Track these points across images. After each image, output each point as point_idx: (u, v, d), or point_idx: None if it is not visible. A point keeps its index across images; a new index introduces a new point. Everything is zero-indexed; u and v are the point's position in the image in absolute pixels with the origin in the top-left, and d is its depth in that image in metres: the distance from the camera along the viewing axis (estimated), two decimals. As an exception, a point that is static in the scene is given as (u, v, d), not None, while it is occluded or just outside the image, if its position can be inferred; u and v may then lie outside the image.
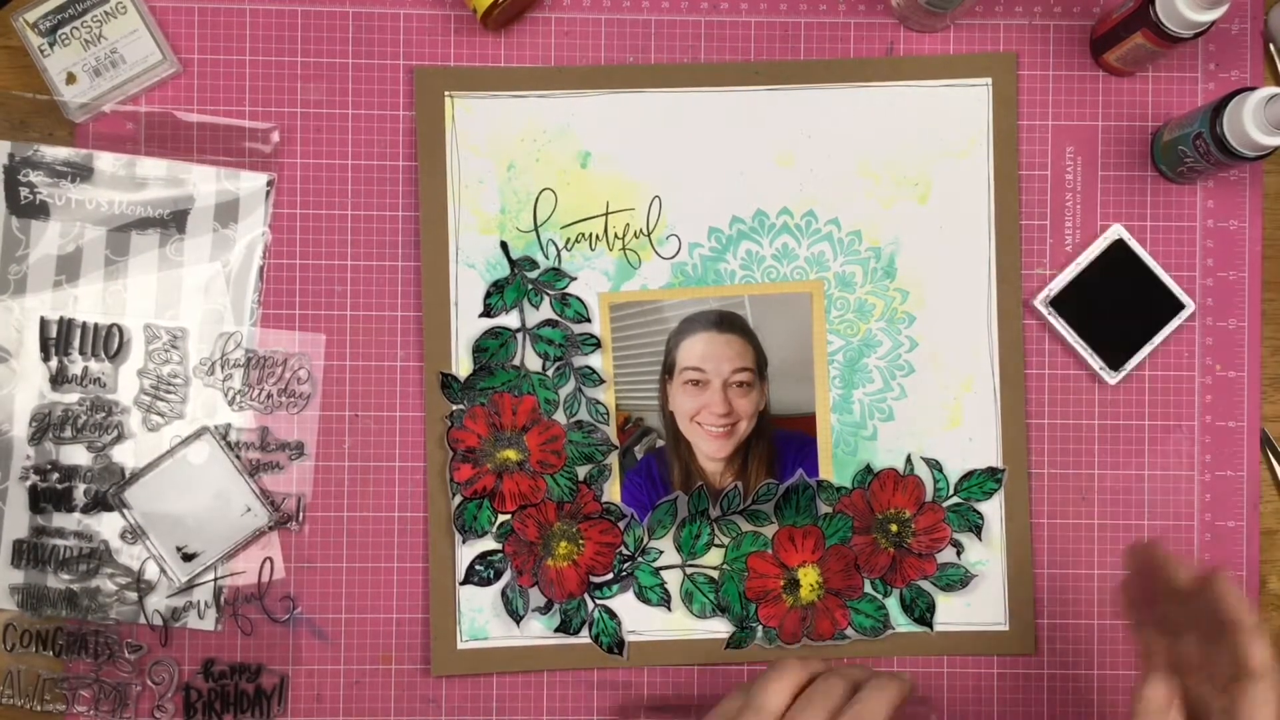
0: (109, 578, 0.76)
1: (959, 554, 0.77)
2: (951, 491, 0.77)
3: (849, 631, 0.77)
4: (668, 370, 0.77)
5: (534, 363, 0.77)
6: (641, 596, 0.77)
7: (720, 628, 0.77)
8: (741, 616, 0.76)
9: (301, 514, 0.77)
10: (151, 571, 0.76)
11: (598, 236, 0.77)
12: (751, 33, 0.78)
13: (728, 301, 0.77)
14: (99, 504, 0.76)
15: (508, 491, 0.76)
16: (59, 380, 0.76)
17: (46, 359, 0.76)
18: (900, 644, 0.77)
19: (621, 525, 0.76)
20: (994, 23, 0.79)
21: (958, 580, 0.77)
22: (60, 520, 0.76)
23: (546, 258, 0.77)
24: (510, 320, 0.77)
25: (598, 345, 0.77)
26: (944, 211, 0.77)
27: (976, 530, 0.77)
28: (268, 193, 0.77)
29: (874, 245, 0.77)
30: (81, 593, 0.76)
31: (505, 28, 0.78)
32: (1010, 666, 0.78)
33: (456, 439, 0.76)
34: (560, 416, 0.76)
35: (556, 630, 0.76)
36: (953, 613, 0.77)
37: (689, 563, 0.77)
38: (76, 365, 0.76)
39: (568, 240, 0.77)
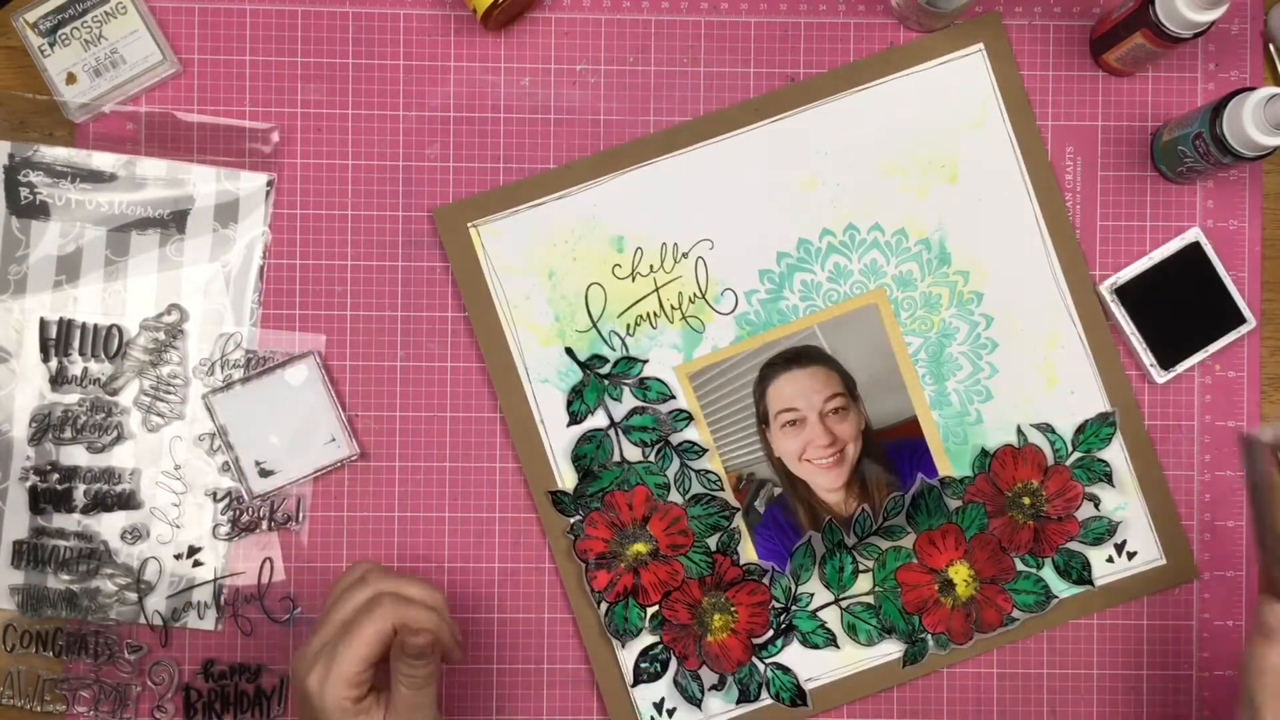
0: (109, 578, 0.76)
1: (1097, 506, 0.77)
2: (1071, 449, 0.77)
3: (1015, 614, 0.76)
4: (763, 419, 0.77)
5: (634, 453, 0.76)
6: (807, 643, 0.76)
7: (892, 649, 0.77)
8: (909, 632, 0.76)
9: (301, 514, 0.77)
10: (151, 572, 0.76)
11: (655, 314, 0.76)
12: (751, 33, 0.78)
13: (799, 336, 0.77)
14: (99, 504, 0.76)
15: (648, 584, 0.75)
16: (59, 381, 0.76)
17: (46, 359, 0.76)
18: (1067, 610, 0.77)
19: (766, 581, 0.76)
20: (994, 23, 0.79)
21: (1105, 531, 0.76)
22: (60, 521, 0.76)
23: (613, 350, 0.76)
24: (599, 420, 0.76)
25: (689, 418, 0.76)
26: (977, 183, 0.77)
27: (1107, 478, 0.77)
28: (268, 193, 0.77)
29: (922, 237, 0.77)
30: (81, 593, 0.76)
31: (505, 28, 0.78)
32: (1010, 666, 0.78)
33: (584, 550, 0.75)
34: (675, 496, 0.76)
35: (738, 702, 0.76)
36: (1109, 564, 0.77)
37: (842, 596, 0.76)
38: (76, 366, 0.76)
39: (628, 326, 0.76)
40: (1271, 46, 0.79)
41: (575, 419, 0.76)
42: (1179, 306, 0.77)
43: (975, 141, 0.77)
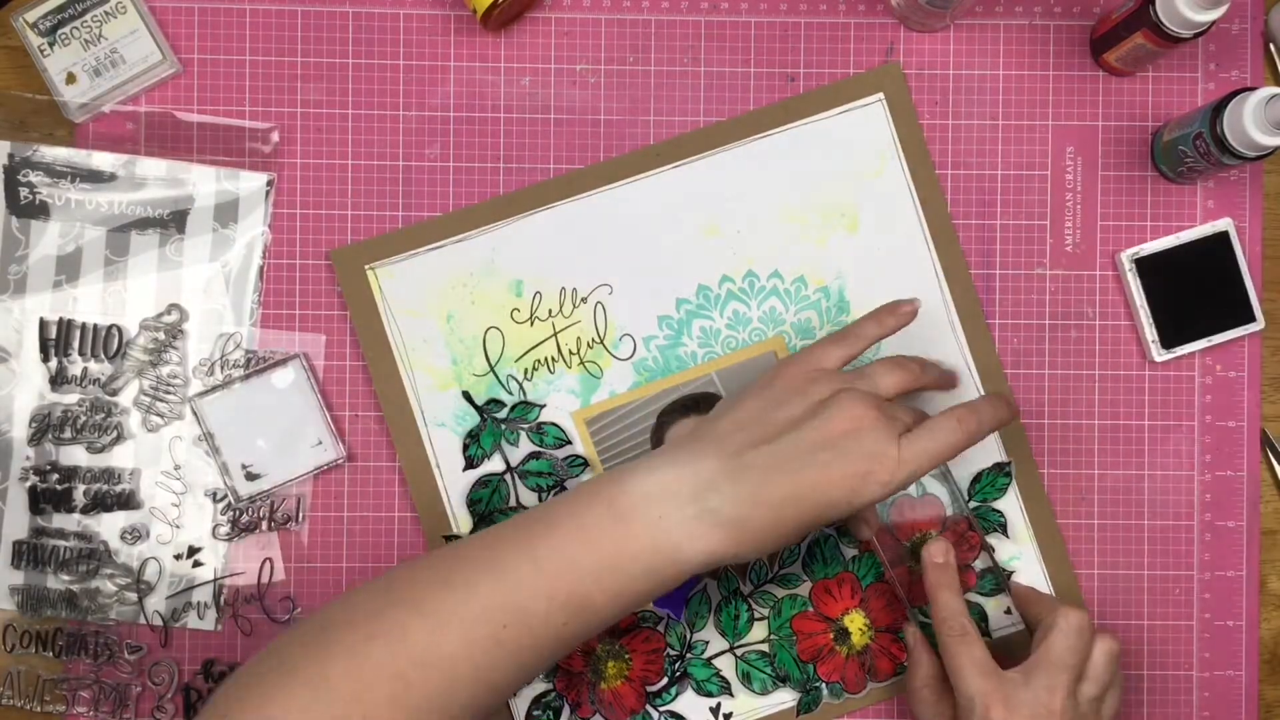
0: (109, 578, 0.76)
1: (992, 556, 0.76)
2: (967, 497, 0.77)
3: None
4: None
5: (530, 498, 0.76)
6: (701, 691, 0.75)
7: (786, 698, 0.76)
8: (803, 680, 0.75)
9: (301, 514, 0.77)
10: (151, 572, 0.76)
11: (554, 358, 0.76)
12: (751, 33, 0.78)
13: (697, 383, 0.76)
14: (99, 505, 0.76)
15: None
16: (58, 381, 0.76)
17: (46, 360, 0.76)
18: None
19: (661, 628, 0.75)
20: (994, 23, 0.79)
21: (1000, 582, 0.76)
22: (60, 521, 0.76)
23: (510, 394, 0.76)
24: (494, 465, 0.76)
25: (585, 464, 0.76)
26: (877, 233, 0.77)
27: (1002, 529, 0.76)
28: (267, 193, 0.77)
29: (820, 285, 0.77)
30: (81, 593, 0.76)
31: (505, 28, 0.78)
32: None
33: None
34: None
35: None
36: (1007, 615, 0.76)
37: (737, 644, 0.76)
38: (76, 366, 0.76)
39: (526, 370, 0.76)
40: (1272, 46, 0.79)
41: (471, 463, 0.75)
42: (1192, 291, 0.77)
43: (875, 191, 0.77)
